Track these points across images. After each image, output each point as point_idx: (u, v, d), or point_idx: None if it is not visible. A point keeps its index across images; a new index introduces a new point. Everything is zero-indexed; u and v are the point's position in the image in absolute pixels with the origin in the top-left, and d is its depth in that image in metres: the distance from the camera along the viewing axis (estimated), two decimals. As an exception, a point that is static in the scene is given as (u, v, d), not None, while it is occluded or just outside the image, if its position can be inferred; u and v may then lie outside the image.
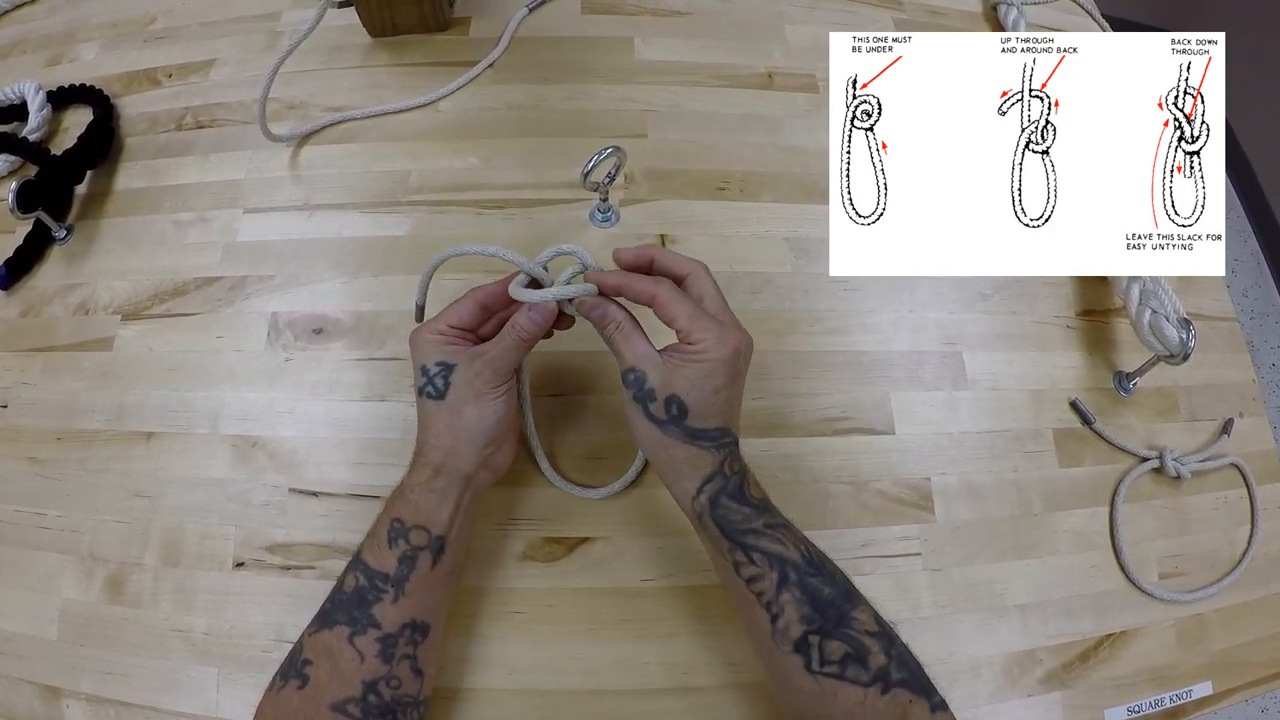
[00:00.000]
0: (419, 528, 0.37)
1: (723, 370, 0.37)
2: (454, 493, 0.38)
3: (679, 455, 0.37)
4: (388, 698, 0.35)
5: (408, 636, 0.36)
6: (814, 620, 0.34)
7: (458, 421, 0.39)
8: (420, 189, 0.56)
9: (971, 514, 0.48)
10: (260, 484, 0.47)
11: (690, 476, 0.37)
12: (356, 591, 0.36)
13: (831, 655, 0.34)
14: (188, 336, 0.52)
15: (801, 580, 0.35)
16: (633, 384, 0.38)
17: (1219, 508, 0.52)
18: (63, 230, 0.56)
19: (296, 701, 0.35)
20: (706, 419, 0.37)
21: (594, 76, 0.62)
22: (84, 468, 0.49)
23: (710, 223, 0.56)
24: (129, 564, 0.46)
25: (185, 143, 0.60)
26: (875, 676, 0.33)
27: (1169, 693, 0.46)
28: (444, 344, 0.40)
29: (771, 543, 0.36)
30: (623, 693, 0.43)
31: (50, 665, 0.45)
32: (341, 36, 0.63)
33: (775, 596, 0.35)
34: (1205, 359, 0.55)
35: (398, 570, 0.36)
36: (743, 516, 0.37)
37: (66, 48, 0.67)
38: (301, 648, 0.36)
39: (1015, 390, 0.52)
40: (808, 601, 0.35)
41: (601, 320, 0.40)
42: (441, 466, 0.38)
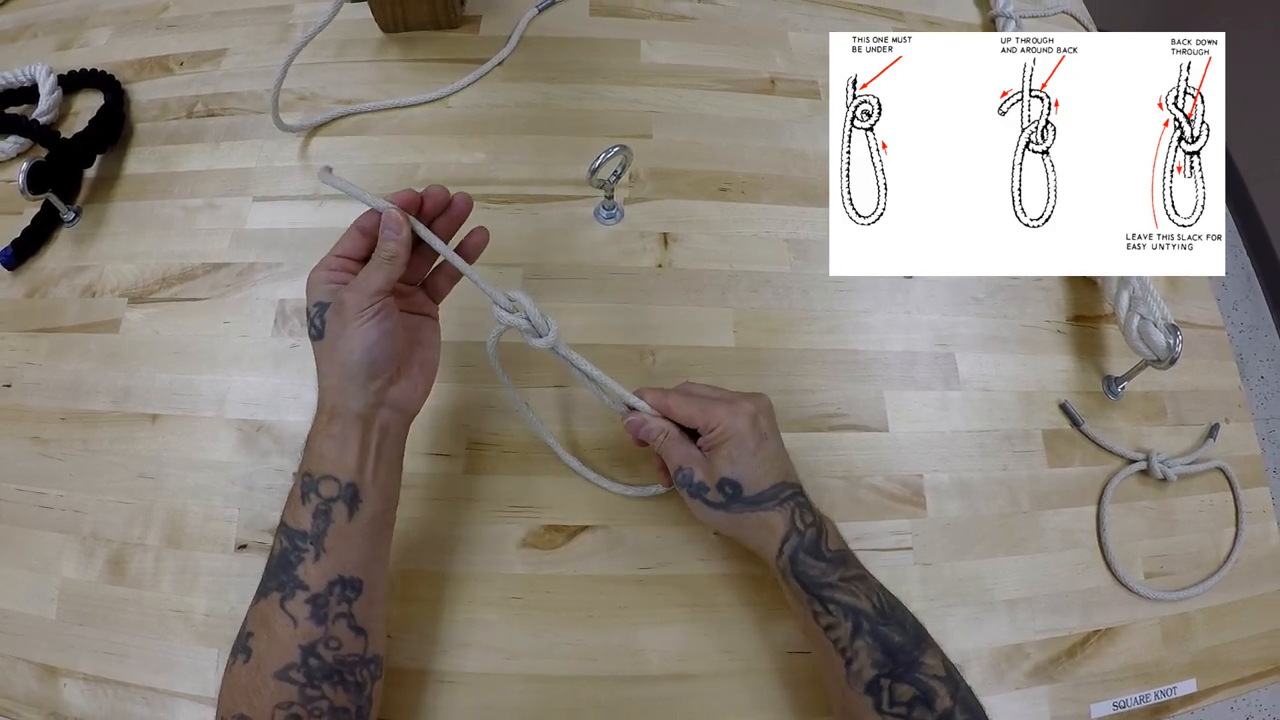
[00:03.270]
0: (327, 478, 0.36)
1: (750, 435, 0.40)
2: (354, 435, 0.36)
3: (751, 525, 0.40)
4: (329, 659, 0.35)
5: (338, 594, 0.35)
6: (885, 665, 0.36)
7: (335, 358, 0.37)
8: (428, 182, 0.56)
9: (962, 511, 0.49)
10: (265, 467, 0.48)
11: (769, 541, 0.39)
12: (281, 555, 0.36)
13: (900, 698, 0.35)
14: (194, 321, 0.52)
15: (874, 629, 0.37)
16: (684, 482, 0.41)
17: (1204, 510, 0.53)
18: (71, 213, 0.56)
19: (243, 675, 0.35)
20: (759, 482, 0.40)
21: (601, 77, 0.63)
22: (87, 448, 0.49)
23: (712, 222, 0.57)
24: (131, 544, 0.46)
25: (195, 130, 0.60)
26: (940, 718, 0.35)
27: (1154, 689, 0.47)
28: (329, 282, 0.38)
29: (846, 595, 0.38)
30: (620, 679, 0.43)
31: (48, 644, 0.45)
32: (353, 30, 0.64)
33: (850, 643, 0.37)
34: (1192, 365, 0.56)
35: (314, 526, 0.35)
36: (819, 571, 0.38)
37: (78, 32, 0.67)
38: (245, 621, 0.36)
39: (1006, 391, 0.53)
40: (879, 648, 0.36)
41: (649, 435, 0.42)
42: (335, 409, 0.37)
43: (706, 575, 0.46)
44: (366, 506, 0.36)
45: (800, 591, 0.38)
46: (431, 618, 0.44)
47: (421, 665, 0.43)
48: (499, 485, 0.47)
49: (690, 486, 0.41)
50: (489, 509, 0.47)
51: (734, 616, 0.45)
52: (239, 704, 0.34)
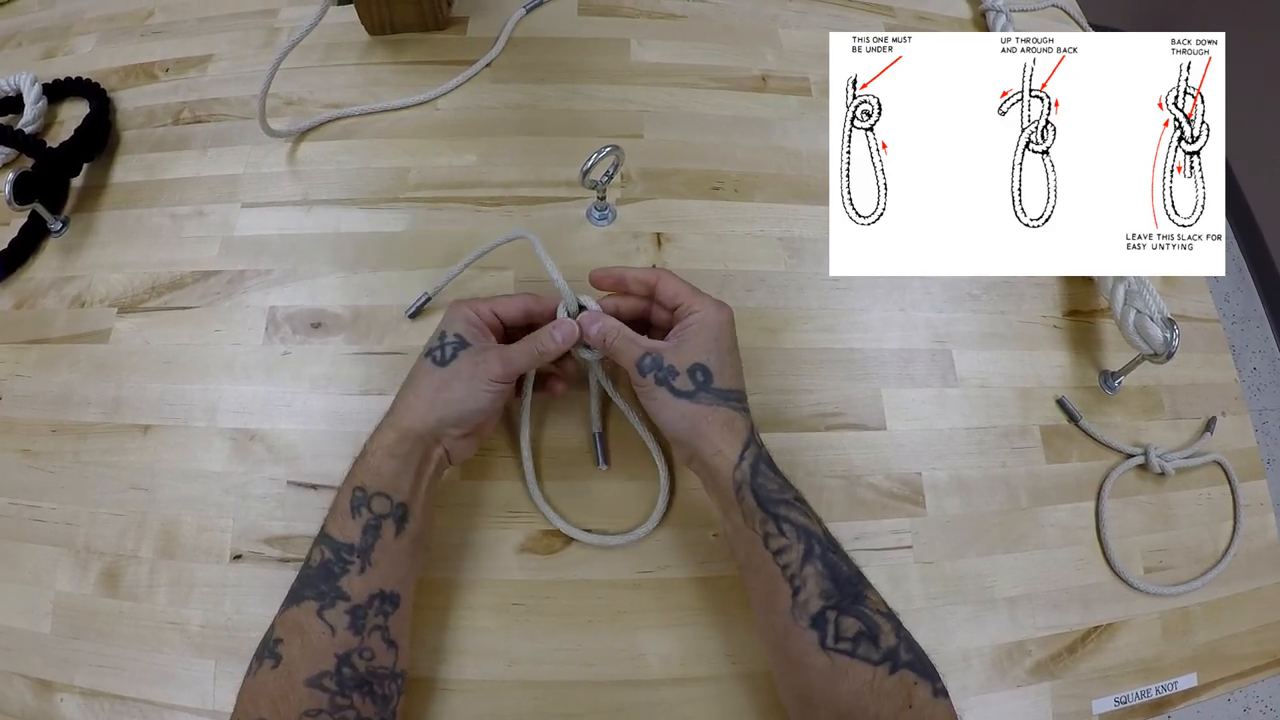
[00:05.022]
0: (380, 495, 0.37)
1: (726, 332, 0.40)
2: (415, 458, 0.38)
3: (717, 421, 0.38)
4: (362, 670, 0.35)
5: (377, 607, 0.36)
6: (832, 595, 0.35)
7: (443, 391, 0.39)
8: (419, 185, 0.57)
9: (961, 508, 0.49)
10: (258, 476, 0.47)
11: (731, 444, 0.38)
12: (323, 565, 0.37)
13: (846, 632, 0.34)
14: (185, 330, 0.52)
15: (824, 555, 0.36)
16: (650, 367, 0.39)
17: (1202, 503, 0.53)
18: (58, 222, 0.56)
19: (271, 681, 0.35)
20: (729, 380, 0.39)
21: (590, 77, 0.63)
22: (79, 460, 0.48)
23: (705, 222, 0.57)
24: (125, 556, 0.46)
25: (182, 137, 0.60)
26: (885, 656, 0.34)
27: (1155, 684, 0.47)
28: (472, 324, 0.41)
29: (800, 515, 0.37)
30: (620, 684, 0.43)
31: (43, 659, 0.44)
32: (339, 33, 0.63)
33: (800, 569, 0.35)
34: (1188, 359, 0.56)
35: (362, 540, 0.37)
36: (777, 486, 0.37)
37: (62, 40, 0.66)
38: (273, 628, 0.37)
39: (1003, 388, 0.53)
40: (828, 576, 0.35)
41: (602, 333, 0.42)
42: (409, 430, 0.38)
43: (705, 579, 0.45)
44: (411, 526, 0.38)
45: (755, 510, 0.37)
46: (430, 625, 0.44)
47: (421, 673, 0.43)
48: (496, 491, 0.47)
49: (659, 370, 0.39)
50: (486, 515, 0.46)
51: (734, 620, 0.44)
52: (262, 709, 0.34)
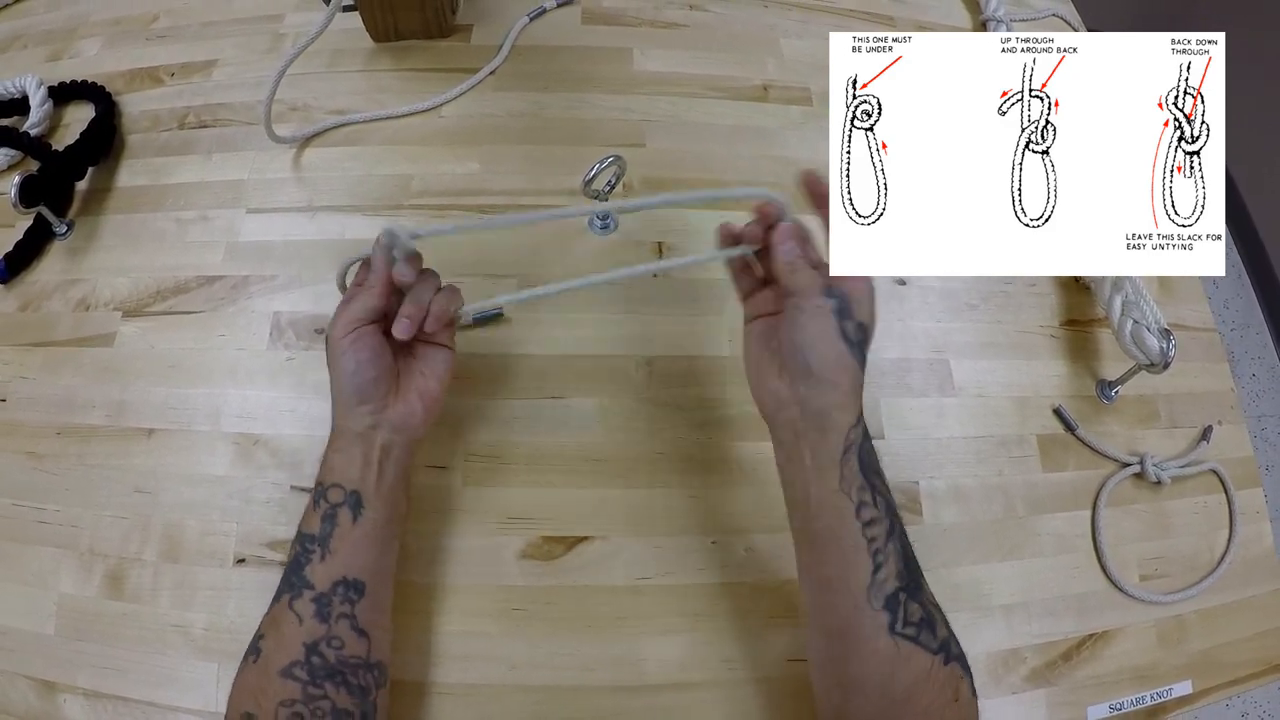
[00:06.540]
0: (334, 485, 0.38)
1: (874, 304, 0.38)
2: (357, 451, 0.38)
3: (855, 379, 0.36)
4: (331, 659, 0.35)
5: (341, 594, 0.36)
6: (904, 578, 0.34)
7: (332, 382, 0.40)
8: (423, 193, 0.57)
9: (958, 517, 0.50)
10: (262, 481, 0.48)
11: (855, 403, 0.36)
12: (294, 559, 0.38)
13: (912, 617, 0.34)
14: (189, 334, 0.52)
15: (902, 535, 0.35)
16: (837, 295, 0.36)
17: (1198, 512, 0.53)
18: (64, 226, 0.56)
19: (252, 675, 0.36)
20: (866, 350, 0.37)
21: (593, 86, 0.63)
22: (83, 463, 0.49)
23: (707, 231, 0.57)
24: (128, 559, 0.46)
25: (187, 141, 0.60)
26: (940, 646, 0.34)
27: (1150, 691, 0.48)
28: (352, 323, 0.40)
29: (889, 492, 0.36)
30: (620, 689, 0.44)
31: (47, 660, 0.45)
32: (344, 40, 0.64)
33: (884, 545, 0.34)
34: (1185, 368, 0.57)
35: (321, 529, 0.37)
36: (875, 459, 0.36)
37: (68, 43, 0.67)
38: (259, 626, 0.38)
39: (1001, 397, 0.54)
40: (902, 558, 0.35)
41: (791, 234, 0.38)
42: (340, 429, 0.39)
43: (706, 585, 0.46)
44: (369, 513, 0.38)
45: (856, 475, 0.35)
46: (431, 630, 0.44)
47: (422, 678, 0.43)
48: (497, 497, 0.47)
49: (843, 305, 0.36)
50: (487, 521, 0.47)
51: (734, 626, 0.45)
52: (246, 703, 0.35)
